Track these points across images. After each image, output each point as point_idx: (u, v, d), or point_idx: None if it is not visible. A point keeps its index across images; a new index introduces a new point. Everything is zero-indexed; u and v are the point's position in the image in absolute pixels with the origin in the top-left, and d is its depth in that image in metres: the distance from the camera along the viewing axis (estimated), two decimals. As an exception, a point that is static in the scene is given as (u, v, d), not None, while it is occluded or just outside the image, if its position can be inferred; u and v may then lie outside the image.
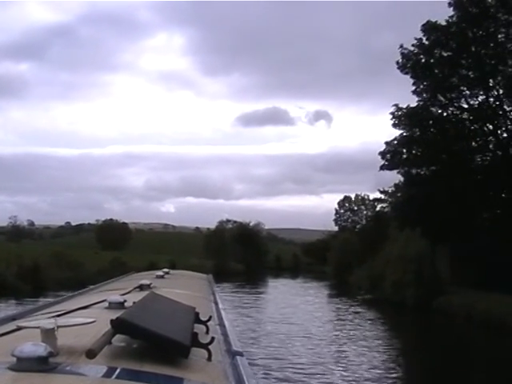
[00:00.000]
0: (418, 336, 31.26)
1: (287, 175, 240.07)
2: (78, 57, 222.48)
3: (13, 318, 4.76)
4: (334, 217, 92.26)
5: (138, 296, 4.80)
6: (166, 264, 61.43)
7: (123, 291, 6.18)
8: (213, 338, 3.46)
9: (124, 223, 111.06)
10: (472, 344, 28.28)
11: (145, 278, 8.19)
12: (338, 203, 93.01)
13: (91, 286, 9.24)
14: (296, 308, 40.03)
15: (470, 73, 50.60)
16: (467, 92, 51.14)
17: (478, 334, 30.48)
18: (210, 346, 3.34)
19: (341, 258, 66.12)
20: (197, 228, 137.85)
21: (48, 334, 2.75)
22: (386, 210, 77.98)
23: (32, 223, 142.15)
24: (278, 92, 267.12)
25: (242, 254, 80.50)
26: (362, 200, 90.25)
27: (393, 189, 74.23)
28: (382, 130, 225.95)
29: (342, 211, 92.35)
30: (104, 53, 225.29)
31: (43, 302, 7.97)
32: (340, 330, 30.46)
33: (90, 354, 2.56)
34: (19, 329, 3.36)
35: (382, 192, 77.00)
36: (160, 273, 9.44)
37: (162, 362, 2.92)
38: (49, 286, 43.03)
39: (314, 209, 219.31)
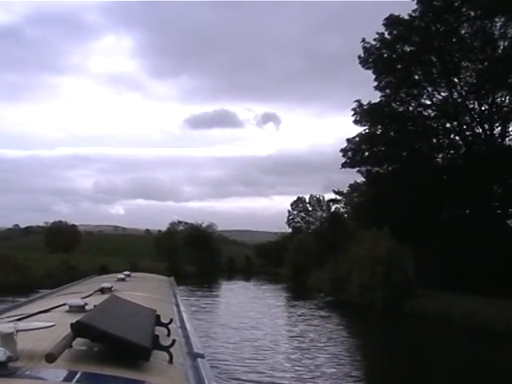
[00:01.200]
0: (395, 343, 28.20)
1: (236, 177, 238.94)
2: (25, 58, 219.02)
3: None
4: (286, 218, 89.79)
5: (99, 299, 4.50)
6: (121, 266, 59.55)
7: (84, 294, 5.91)
8: (174, 341, 3.37)
9: (73, 225, 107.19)
10: (460, 351, 25.33)
11: (106, 280, 8.00)
12: (291, 204, 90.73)
13: (51, 290, 8.67)
14: (257, 312, 36.85)
15: (433, 69, 48.22)
16: (430, 88, 48.75)
17: (463, 340, 27.66)
18: (171, 349, 3.26)
19: (297, 259, 63.55)
20: (147, 230, 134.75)
21: (7, 339, 2.64)
22: (341, 210, 76.13)
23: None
24: (227, 94, 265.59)
25: (195, 256, 77.26)
26: (316, 201, 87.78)
27: (348, 189, 72.55)
28: (331, 132, 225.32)
29: (295, 212, 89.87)
30: (51, 54, 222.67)
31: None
32: (307, 337, 27.57)
33: (50, 357, 2.49)
34: None
35: (336, 193, 75.11)
36: (121, 275, 9.07)
37: (122, 365, 2.84)
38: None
39: (264, 210, 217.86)
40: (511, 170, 43.04)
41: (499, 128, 46.09)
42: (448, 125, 48.63)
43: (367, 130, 48.84)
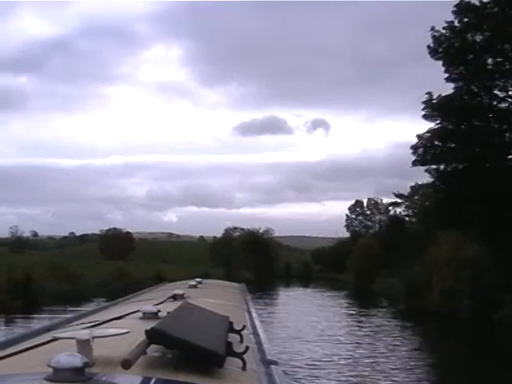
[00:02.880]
0: (499, 361, 23.48)
1: (287, 183, 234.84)
2: (77, 69, 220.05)
3: (48, 329, 4.58)
4: (339, 223, 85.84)
5: (172, 306, 4.48)
6: (176, 274, 56.44)
7: (156, 301, 5.75)
8: (247, 347, 3.26)
9: (128, 233, 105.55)
10: None
11: (178, 287, 7.74)
12: (349, 208, 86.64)
13: (126, 297, 8.07)
14: (328, 322, 32.63)
15: (506, 59, 43.50)
16: (504, 80, 44.03)
17: None
18: (244, 355, 3.12)
19: (361, 264, 59.15)
20: (201, 237, 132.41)
21: (83, 345, 2.65)
22: (401, 213, 71.99)
23: (36, 234, 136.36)
24: (276, 101, 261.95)
25: (252, 262, 73.74)
26: (374, 204, 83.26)
27: (409, 191, 68.24)
28: (380, 137, 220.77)
29: (353, 216, 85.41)
30: (102, 65, 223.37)
31: (75, 313, 7.02)
32: (394, 355, 23.35)
33: (126, 364, 2.47)
34: (55, 339, 3.16)
35: (397, 195, 70.70)
36: (193, 282, 8.70)
37: (196, 371, 2.77)
38: (42, 301, 35.67)
39: (316, 216, 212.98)
40: None
41: None
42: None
43: (437, 125, 44.30)
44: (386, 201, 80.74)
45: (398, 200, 70.93)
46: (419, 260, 38.46)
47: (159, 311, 4.34)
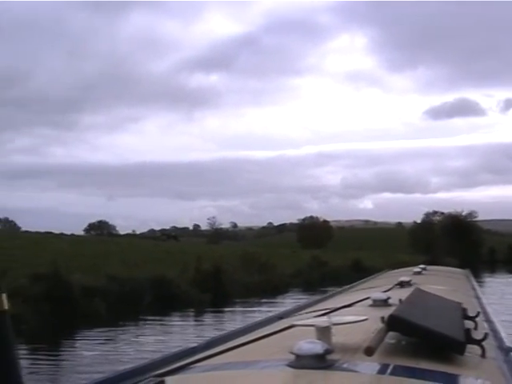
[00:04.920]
0: None
1: (483, 166, 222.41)
2: (265, 64, 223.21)
3: (279, 317, 4.84)
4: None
5: (400, 293, 4.40)
6: (374, 261, 52.34)
7: (383, 288, 5.61)
8: (486, 334, 3.00)
9: (325, 221, 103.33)
10: None
11: (402, 274, 7.46)
12: None
13: (351, 285, 8.34)
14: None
15: None
16: None
17: None
18: (483, 343, 2.90)
19: None
20: (399, 223, 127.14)
21: (323, 332, 2.63)
22: None
23: (235, 225, 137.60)
24: (465, 83, 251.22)
25: (454, 247, 67.89)
26: None
27: None
28: None
29: None
30: (289, 58, 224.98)
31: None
32: None
33: (369, 351, 2.41)
34: (291, 327, 3.23)
35: None
36: (417, 269, 8.37)
37: (435, 358, 2.63)
38: (233, 293, 32.65)
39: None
40: None
41: None
42: None
43: None
44: None
45: None
46: None
47: (389, 298, 4.26)
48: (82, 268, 28.29)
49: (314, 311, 4.64)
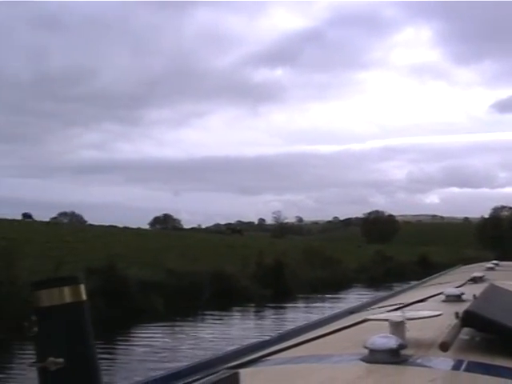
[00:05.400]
0: None
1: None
2: (330, 58, 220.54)
3: (350, 312, 4.83)
4: None
5: (474, 288, 4.38)
6: (441, 256, 51.16)
7: (456, 284, 5.45)
8: None
9: (390, 215, 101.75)
10: None
11: (474, 270, 7.27)
12: None
13: (423, 280, 8.29)
14: None
15: None
16: None
17: None
18: None
19: None
20: (466, 218, 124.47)
21: (397, 327, 2.58)
22: None
23: (300, 219, 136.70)
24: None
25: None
26: None
27: None
28: None
29: None
30: (354, 52, 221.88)
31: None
32: None
33: (444, 346, 2.37)
34: (364, 321, 3.26)
35: None
36: (490, 265, 8.15)
37: (511, 355, 2.54)
38: (295, 289, 31.90)
39: None
40: None
41: None
42: None
43: None
44: None
45: None
46: None
47: (462, 294, 4.18)
48: (143, 262, 28.06)
49: (386, 306, 4.64)
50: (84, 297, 1.89)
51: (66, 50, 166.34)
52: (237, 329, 21.77)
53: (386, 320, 2.67)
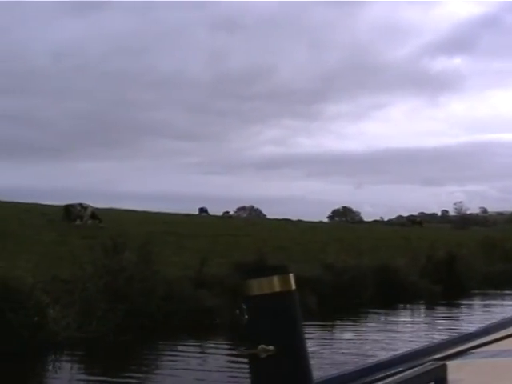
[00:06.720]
0: None
1: None
2: (508, 44, 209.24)
3: None
4: None
5: None
6: None
7: None
8: None
9: None
10: None
11: None
12: None
13: None
14: None
15: None
16: None
17: None
18: None
19: None
20: None
21: None
22: None
23: (485, 210, 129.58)
24: None
25: None
26: None
27: None
28: None
29: None
30: None
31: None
32: None
33: None
34: None
35: None
36: None
37: None
38: (468, 284, 29.16)
39: None
40: None
41: None
42: None
43: None
44: None
45: None
46: None
47: None
48: (306, 255, 26.68)
49: None
50: (293, 286, 1.88)
51: (244, 50, 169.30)
52: (402, 331, 19.81)
53: None
